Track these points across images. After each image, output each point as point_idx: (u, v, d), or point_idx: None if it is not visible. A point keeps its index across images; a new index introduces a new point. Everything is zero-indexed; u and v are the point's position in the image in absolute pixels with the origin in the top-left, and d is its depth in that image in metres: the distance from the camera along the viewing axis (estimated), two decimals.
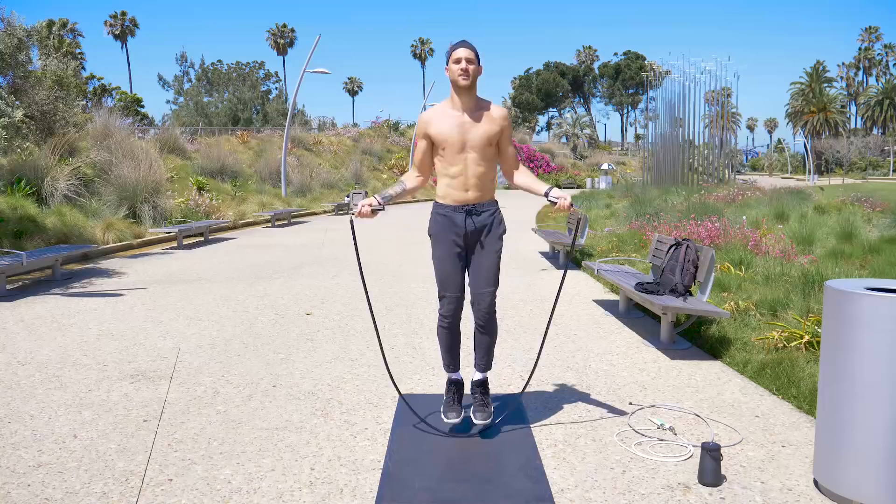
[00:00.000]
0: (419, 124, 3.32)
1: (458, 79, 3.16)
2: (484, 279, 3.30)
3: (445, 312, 3.34)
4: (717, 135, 28.95)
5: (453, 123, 3.22)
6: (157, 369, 4.65)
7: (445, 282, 3.31)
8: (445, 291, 3.31)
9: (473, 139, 3.22)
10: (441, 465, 3.11)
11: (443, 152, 3.25)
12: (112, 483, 2.97)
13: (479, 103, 3.28)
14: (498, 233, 3.34)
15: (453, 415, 3.41)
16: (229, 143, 26.67)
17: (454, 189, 3.27)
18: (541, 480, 2.94)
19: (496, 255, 3.32)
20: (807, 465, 3.12)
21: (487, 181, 3.30)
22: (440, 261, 3.32)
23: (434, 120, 3.27)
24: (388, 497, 2.80)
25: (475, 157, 3.23)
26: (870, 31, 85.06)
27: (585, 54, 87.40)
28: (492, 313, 3.34)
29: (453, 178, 3.26)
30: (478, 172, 3.25)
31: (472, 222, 3.27)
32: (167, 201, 13.93)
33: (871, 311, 2.62)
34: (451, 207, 3.28)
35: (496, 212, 3.35)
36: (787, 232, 10.12)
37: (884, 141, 66.06)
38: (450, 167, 3.25)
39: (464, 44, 3.20)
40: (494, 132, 3.25)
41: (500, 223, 3.36)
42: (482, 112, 3.25)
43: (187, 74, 50.92)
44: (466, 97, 3.22)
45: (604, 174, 41.34)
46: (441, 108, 3.31)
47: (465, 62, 3.15)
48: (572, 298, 7.16)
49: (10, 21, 10.69)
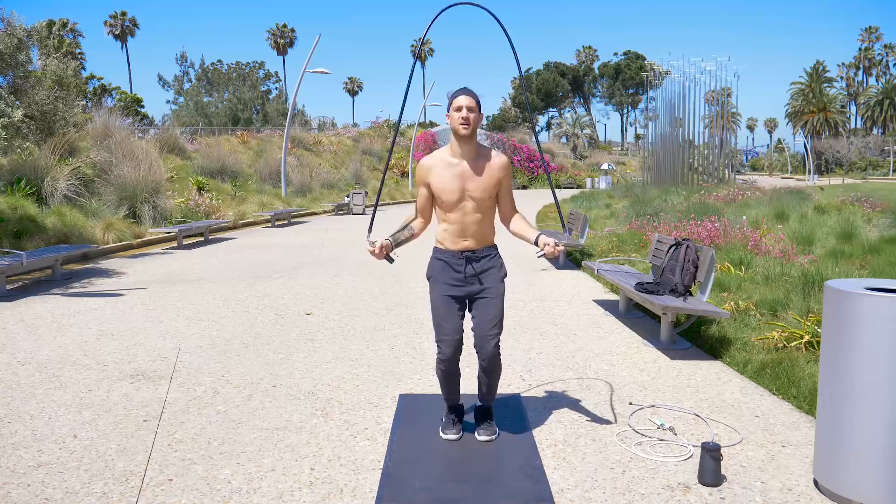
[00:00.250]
0: (419, 171, 3.29)
1: (459, 128, 3.12)
2: (489, 324, 3.24)
3: (443, 356, 3.27)
4: (717, 135, 28.95)
5: (452, 175, 3.19)
6: (157, 369, 4.65)
7: (442, 325, 3.25)
8: (443, 335, 3.25)
9: (472, 190, 3.19)
10: (441, 465, 3.12)
11: (441, 203, 3.23)
12: (112, 483, 2.97)
13: (480, 151, 3.24)
14: (499, 276, 3.30)
15: (452, 433, 3.41)
16: (229, 143, 26.67)
17: (452, 235, 3.25)
18: (541, 480, 2.95)
19: (500, 298, 3.27)
20: (807, 465, 3.12)
21: (486, 227, 3.28)
22: (437, 303, 3.27)
23: (434, 169, 3.24)
24: (388, 497, 2.80)
25: (473, 206, 3.21)
26: (870, 31, 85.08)
27: (585, 54, 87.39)
28: (496, 355, 3.28)
29: (452, 224, 3.24)
30: (476, 220, 3.23)
31: (471, 268, 3.25)
32: (167, 201, 13.93)
33: (871, 311, 2.62)
34: (449, 253, 3.27)
35: (496, 256, 3.33)
36: (787, 232, 10.12)
37: (884, 141, 66.06)
38: (448, 215, 3.24)
39: (465, 91, 3.16)
40: (493, 184, 3.22)
41: (501, 267, 3.32)
42: (482, 161, 3.21)
43: (187, 74, 50.98)
44: (467, 146, 3.19)
45: (604, 174, 41.34)
46: (441, 155, 3.26)
47: (467, 110, 3.11)
48: (572, 298, 7.16)
49: (10, 21, 10.68)
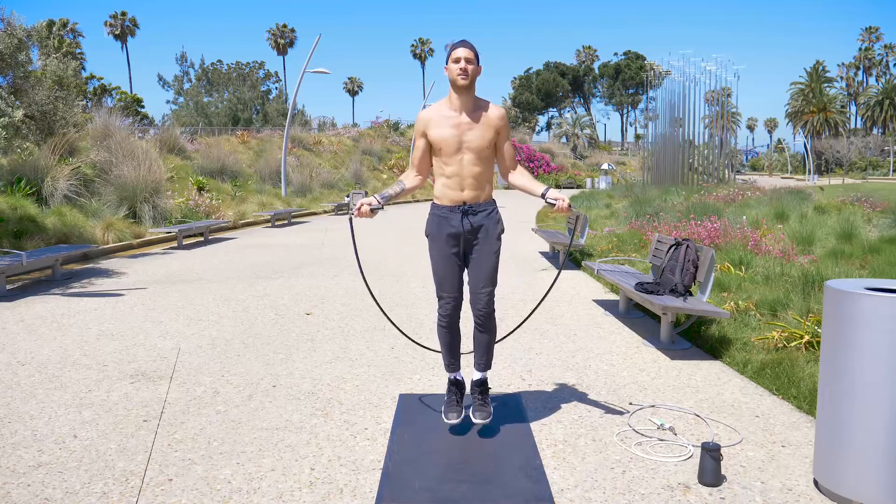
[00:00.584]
0: (417, 123, 3.32)
1: (457, 78, 3.15)
2: (482, 278, 3.29)
3: (444, 312, 3.35)
4: (717, 135, 28.96)
5: (451, 124, 3.22)
6: (157, 369, 4.65)
7: (443, 282, 3.31)
8: (443, 291, 3.32)
9: (470, 140, 3.21)
10: (441, 465, 3.11)
11: (440, 152, 3.25)
12: (112, 483, 2.97)
13: (478, 103, 3.27)
14: (496, 232, 3.32)
15: (454, 415, 3.41)
16: (229, 143, 26.67)
17: (450, 189, 3.26)
18: (541, 480, 2.94)
19: (495, 255, 3.31)
20: (807, 465, 3.12)
21: (484, 181, 3.29)
22: (437, 261, 3.32)
23: (432, 120, 3.26)
24: (388, 497, 2.80)
25: (472, 158, 3.22)
26: (870, 31, 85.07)
27: (585, 54, 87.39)
28: (490, 312, 3.33)
29: (449, 177, 3.25)
30: (474, 172, 3.24)
31: (468, 222, 3.26)
32: (167, 201, 13.93)
33: (871, 311, 2.62)
34: (447, 208, 3.28)
35: (493, 211, 3.34)
36: (787, 232, 10.12)
37: (884, 141, 66.05)
38: (446, 167, 3.25)
39: (463, 43, 3.19)
40: (491, 133, 3.25)
41: (498, 223, 3.34)
42: (480, 112, 3.24)
43: (187, 74, 51.01)
44: (465, 97, 3.21)
45: (604, 174, 41.34)
46: (439, 107, 3.30)
47: (465, 62, 3.14)
48: (572, 298, 7.16)
49: (10, 21, 10.68)
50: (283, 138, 23.08)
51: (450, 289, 3.30)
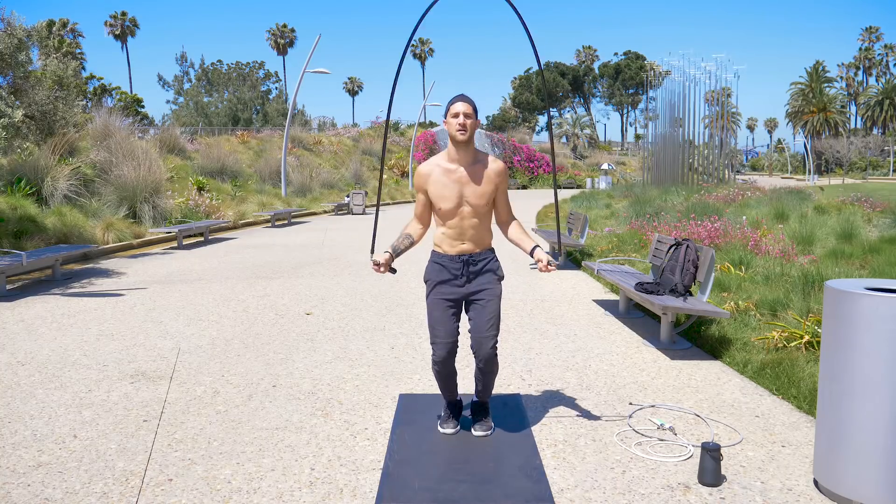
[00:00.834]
0: (417, 178, 3.33)
1: (457, 134, 3.17)
2: (486, 324, 3.27)
3: (438, 358, 3.30)
4: (717, 135, 28.96)
5: (450, 180, 3.23)
6: (157, 369, 4.65)
7: (437, 326, 3.28)
8: (437, 338, 3.28)
9: (470, 196, 3.23)
10: (441, 465, 3.12)
11: (439, 210, 3.27)
12: (112, 483, 2.97)
13: (477, 156, 3.28)
14: (496, 279, 3.33)
15: (450, 427, 3.47)
16: (229, 143, 26.68)
17: (450, 239, 3.28)
18: (541, 480, 2.95)
19: (497, 300, 3.30)
20: (807, 465, 3.12)
21: (483, 231, 3.31)
22: (434, 306, 3.30)
23: (431, 176, 3.27)
24: (388, 497, 2.80)
25: (470, 211, 3.25)
26: (870, 31, 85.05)
27: (585, 54, 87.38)
28: (493, 356, 3.31)
29: (450, 228, 3.27)
30: (473, 224, 3.26)
31: (468, 272, 3.28)
32: (167, 201, 13.93)
33: (871, 311, 2.62)
34: (447, 257, 3.30)
35: (493, 259, 3.36)
36: (787, 232, 10.12)
37: (884, 141, 66.04)
38: (446, 220, 3.27)
39: (462, 98, 3.21)
40: (491, 188, 3.26)
41: (498, 269, 3.36)
42: (479, 167, 3.25)
43: (187, 74, 51.00)
44: (464, 151, 3.22)
45: (604, 174, 41.35)
46: (438, 161, 3.30)
47: (464, 117, 3.15)
48: (572, 298, 7.16)
49: (10, 21, 10.68)
50: (283, 138, 23.08)
51: (444, 334, 3.27)
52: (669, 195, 18.71)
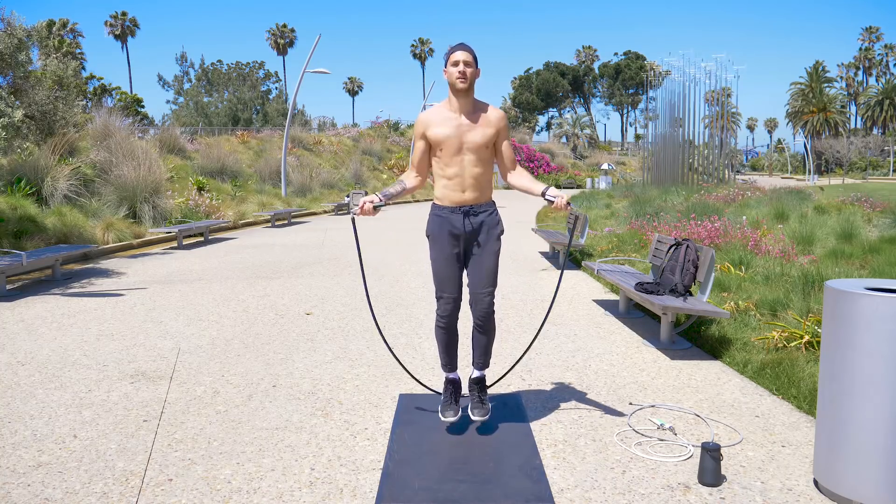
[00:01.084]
0: (417, 125, 3.34)
1: (456, 82, 3.18)
2: (483, 279, 3.30)
3: (443, 312, 3.35)
4: (717, 135, 28.96)
5: (451, 125, 3.24)
6: (157, 369, 4.65)
7: (443, 282, 3.32)
8: (443, 292, 3.33)
9: (470, 141, 3.23)
10: (441, 465, 3.11)
11: (440, 153, 3.27)
12: (112, 483, 2.97)
13: (477, 105, 3.30)
14: (496, 233, 3.34)
15: (451, 413, 3.43)
16: (229, 143, 26.68)
17: (451, 190, 3.28)
18: (541, 480, 2.94)
19: (495, 256, 3.33)
20: (807, 465, 3.12)
21: (484, 182, 3.30)
22: (437, 261, 3.33)
23: (431, 121, 3.28)
24: (388, 497, 2.80)
25: (472, 159, 3.24)
26: (870, 31, 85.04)
27: (585, 54, 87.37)
28: (490, 313, 3.35)
29: (450, 179, 3.27)
30: (474, 174, 3.26)
31: (469, 223, 3.28)
32: (167, 201, 13.93)
33: (871, 311, 2.62)
34: (448, 209, 3.30)
35: (493, 212, 3.36)
36: (787, 232, 10.12)
37: (884, 141, 66.03)
38: (446, 168, 3.27)
39: (462, 46, 3.21)
40: (491, 134, 3.27)
41: (498, 223, 3.36)
42: (479, 114, 3.27)
43: (187, 74, 51.04)
44: (464, 99, 3.24)
45: (604, 174, 41.35)
46: (439, 109, 3.32)
47: (464, 65, 3.16)
48: (572, 298, 7.16)
49: (10, 21, 10.68)
50: (283, 138, 23.08)
51: (450, 289, 3.31)
52: (669, 195, 18.71)
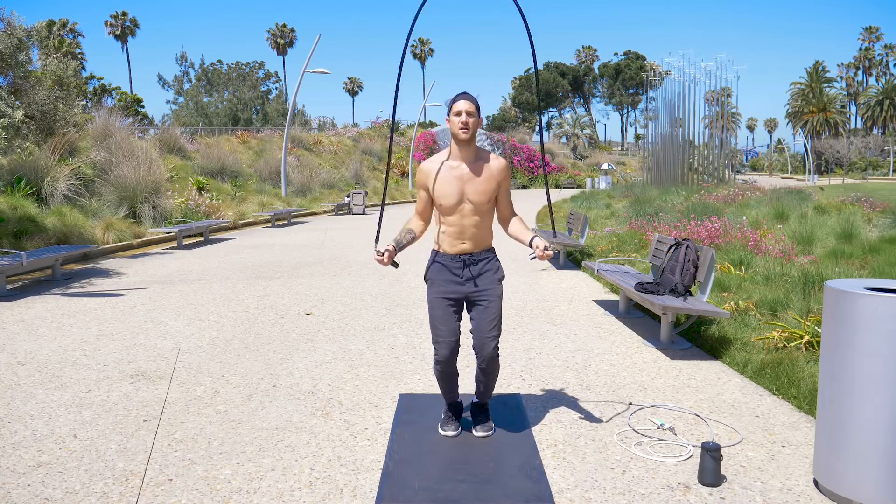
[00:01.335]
0: (419, 175, 3.31)
1: (459, 132, 3.15)
2: (487, 326, 3.26)
3: (440, 357, 3.29)
4: (717, 135, 28.96)
5: (452, 177, 3.22)
6: (157, 369, 4.65)
7: (438, 326, 3.28)
8: (439, 336, 3.28)
9: (471, 193, 3.21)
10: (441, 465, 3.12)
11: (440, 207, 3.26)
12: (112, 483, 2.97)
13: (479, 154, 3.27)
14: (496, 278, 3.32)
15: (451, 429, 3.45)
16: (229, 143, 26.68)
17: (451, 238, 3.27)
18: (541, 480, 2.95)
19: (498, 301, 3.30)
20: (807, 465, 3.12)
21: (484, 230, 3.30)
22: (435, 306, 3.29)
23: (433, 173, 3.26)
24: (388, 497, 2.80)
25: (472, 209, 3.23)
26: (870, 31, 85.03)
27: (585, 54, 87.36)
28: (495, 356, 3.31)
29: (450, 226, 3.26)
30: (474, 223, 3.25)
31: (469, 272, 3.27)
32: (167, 201, 13.93)
33: (871, 311, 2.62)
34: (448, 256, 3.29)
35: (493, 259, 3.35)
36: (787, 232, 10.12)
37: (884, 141, 66.02)
38: (447, 217, 3.26)
39: (465, 96, 3.19)
40: (493, 187, 3.25)
41: (498, 270, 3.34)
42: (481, 164, 3.24)
43: (187, 74, 51.02)
44: (466, 149, 3.21)
45: (604, 174, 41.34)
46: (440, 158, 3.29)
47: (466, 115, 3.14)
48: (572, 298, 7.16)
49: (10, 21, 10.68)
50: (283, 138, 23.08)
51: (447, 334, 3.26)
52: (669, 195, 18.71)
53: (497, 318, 3.27)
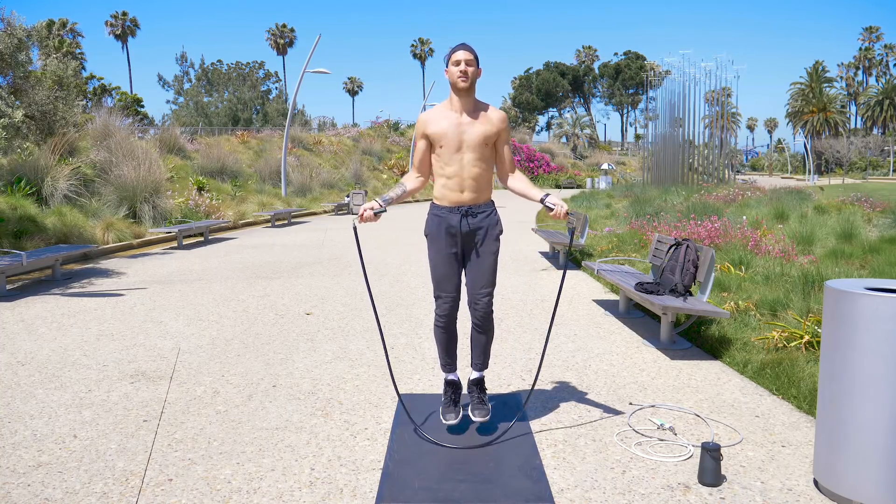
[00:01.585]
0: (418, 124, 3.35)
1: (458, 80, 3.19)
2: (481, 280, 3.31)
3: (441, 312, 3.36)
4: (717, 135, 28.96)
5: (451, 123, 3.25)
6: (157, 369, 4.65)
7: (441, 282, 3.32)
8: (441, 291, 3.33)
9: (470, 139, 3.24)
10: (441, 464, 3.11)
11: (440, 151, 3.27)
12: (112, 483, 2.97)
13: (478, 105, 3.31)
14: (494, 234, 3.34)
15: (452, 416, 3.43)
16: (229, 143, 26.67)
17: (450, 190, 3.28)
18: (541, 480, 2.94)
19: (493, 256, 3.33)
20: (807, 465, 3.12)
21: (484, 182, 3.31)
22: (435, 261, 3.33)
23: (432, 119, 3.29)
24: (388, 497, 2.80)
25: (472, 158, 3.25)
26: (870, 31, 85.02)
27: (585, 54, 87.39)
28: (489, 313, 3.35)
29: (449, 178, 3.27)
30: (474, 173, 3.26)
31: (467, 224, 3.28)
32: (167, 201, 13.93)
33: (871, 311, 2.62)
34: (447, 209, 3.30)
35: (492, 213, 3.37)
36: (787, 232, 10.12)
37: (884, 141, 66.00)
38: (446, 167, 3.27)
39: (463, 46, 3.23)
40: (491, 133, 3.27)
41: (497, 224, 3.36)
42: (480, 113, 3.28)
43: (187, 74, 51.02)
44: (465, 99, 3.25)
45: (604, 174, 41.34)
46: (440, 108, 3.34)
47: (465, 64, 3.18)
48: (572, 298, 7.16)
49: (10, 21, 10.68)
50: (283, 138, 23.08)
51: (448, 288, 3.31)
52: (669, 195, 18.71)
53: (491, 272, 3.32)
